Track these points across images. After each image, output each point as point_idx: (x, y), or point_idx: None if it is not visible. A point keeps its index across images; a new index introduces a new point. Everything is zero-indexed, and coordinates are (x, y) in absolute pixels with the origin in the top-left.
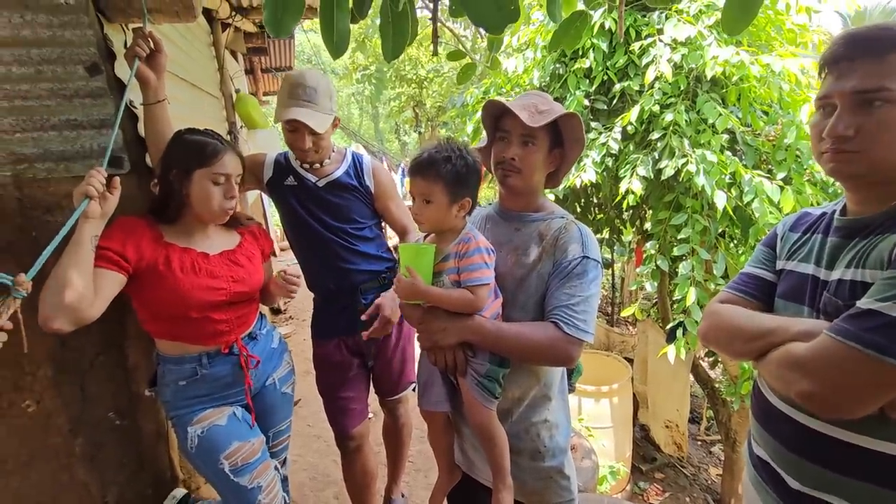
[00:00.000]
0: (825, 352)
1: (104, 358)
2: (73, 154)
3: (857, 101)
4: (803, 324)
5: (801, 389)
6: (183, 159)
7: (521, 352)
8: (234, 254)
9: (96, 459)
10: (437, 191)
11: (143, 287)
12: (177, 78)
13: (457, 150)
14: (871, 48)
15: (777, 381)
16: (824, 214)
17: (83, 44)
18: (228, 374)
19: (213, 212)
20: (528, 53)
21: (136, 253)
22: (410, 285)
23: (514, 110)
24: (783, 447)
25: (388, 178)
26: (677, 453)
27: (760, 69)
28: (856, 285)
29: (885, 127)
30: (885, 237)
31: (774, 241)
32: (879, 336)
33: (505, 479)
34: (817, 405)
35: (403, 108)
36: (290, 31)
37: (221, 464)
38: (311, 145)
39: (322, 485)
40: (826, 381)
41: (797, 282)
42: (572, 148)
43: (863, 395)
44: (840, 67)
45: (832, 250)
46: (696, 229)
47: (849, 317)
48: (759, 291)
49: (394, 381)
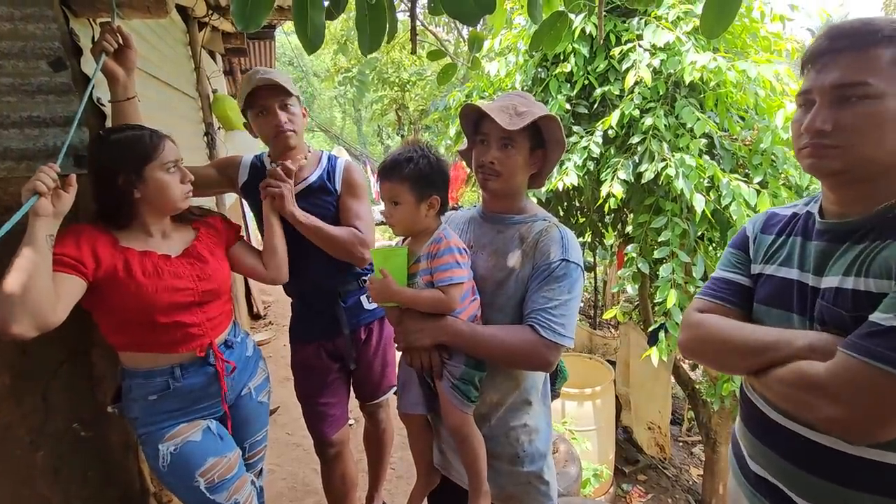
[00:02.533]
0: (851, 374)
1: (69, 366)
2: (36, 153)
3: (835, 95)
4: (805, 337)
5: (827, 416)
6: (128, 161)
7: (497, 355)
8: (195, 249)
9: (60, 473)
10: (402, 191)
11: (103, 296)
12: (149, 76)
13: (419, 150)
14: (852, 42)
15: (791, 404)
16: (796, 215)
17: (47, 38)
18: (203, 386)
19: (176, 200)
20: (511, 57)
21: (92, 259)
22: (382, 286)
23: (492, 114)
24: (786, 462)
25: (357, 177)
26: (660, 455)
27: (737, 75)
28: (859, 295)
29: (862, 122)
30: (886, 244)
31: (746, 244)
32: None
33: (481, 485)
34: (847, 431)
35: (386, 111)
36: (259, 24)
37: (197, 482)
38: (285, 118)
39: (302, 494)
40: (857, 407)
41: (780, 287)
42: (553, 149)
43: (893, 418)
44: (821, 62)
45: (819, 255)
46: (676, 232)
47: (869, 335)
48: (736, 297)
49: (374, 385)
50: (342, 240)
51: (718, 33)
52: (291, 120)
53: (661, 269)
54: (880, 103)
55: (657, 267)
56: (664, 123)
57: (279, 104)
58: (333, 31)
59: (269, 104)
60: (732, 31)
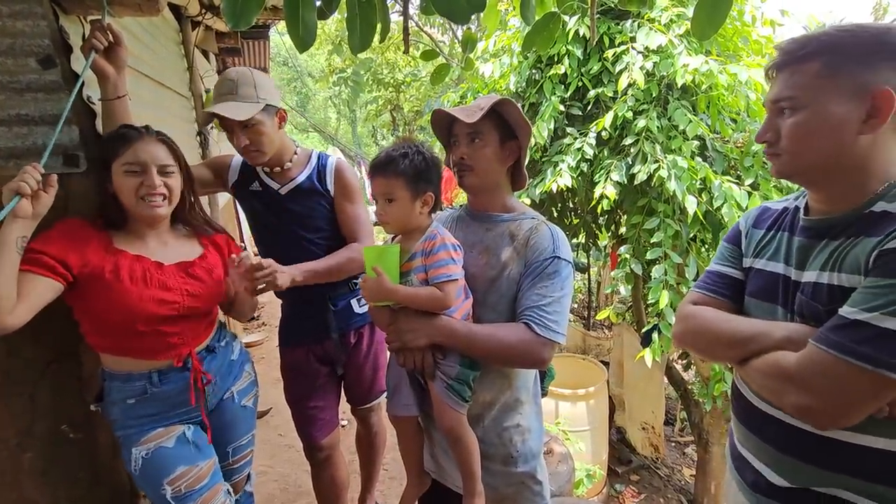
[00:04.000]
0: (817, 365)
1: (57, 367)
2: (24, 151)
3: (774, 108)
4: (784, 329)
5: (794, 403)
6: (101, 156)
7: (493, 353)
8: (192, 266)
9: (48, 475)
10: (397, 187)
11: (86, 296)
12: (141, 75)
13: (413, 146)
14: (788, 58)
15: (766, 391)
16: (786, 210)
17: (36, 35)
18: (181, 392)
19: (134, 205)
20: (505, 59)
21: (79, 258)
22: (377, 285)
23: (454, 114)
24: (769, 446)
25: (351, 178)
26: (654, 455)
27: (728, 78)
28: (833, 289)
29: (794, 131)
30: (859, 240)
31: (739, 238)
32: (870, 348)
33: (475, 486)
34: (813, 418)
35: (381, 112)
36: (249, 22)
37: (164, 489)
38: (246, 142)
39: (293, 496)
40: (821, 395)
41: (768, 281)
42: (521, 133)
43: (858, 407)
44: (771, 76)
45: (801, 250)
46: (669, 233)
47: (836, 328)
48: (728, 290)
49: (365, 389)
50: (346, 265)
51: (709, 35)
52: (255, 140)
53: (653, 270)
54: (806, 113)
55: (650, 268)
56: (657, 125)
57: (241, 126)
58: (328, 31)
59: (229, 124)
60: (724, 34)
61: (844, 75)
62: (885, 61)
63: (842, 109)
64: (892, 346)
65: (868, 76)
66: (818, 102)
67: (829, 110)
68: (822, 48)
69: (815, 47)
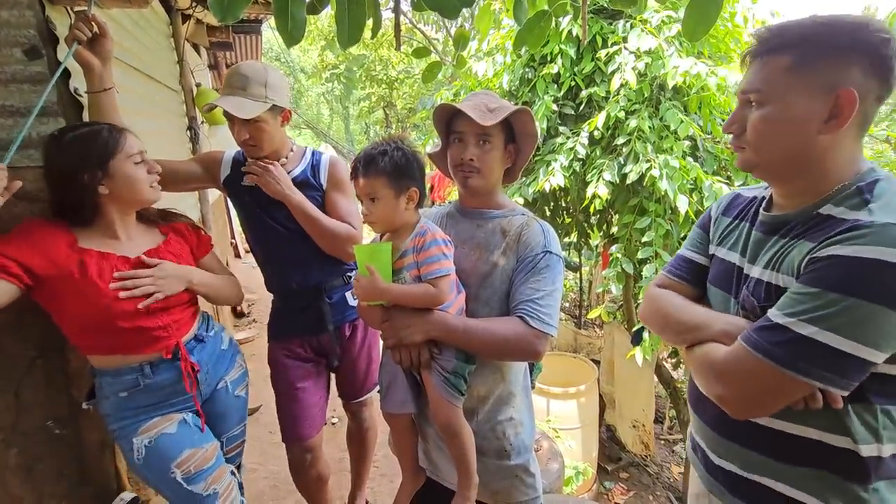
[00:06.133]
0: (738, 362)
1: (42, 362)
2: (9, 143)
3: (742, 99)
4: (724, 323)
5: (715, 392)
6: (91, 157)
7: (489, 347)
8: (158, 252)
9: (33, 471)
10: (379, 185)
11: (59, 299)
12: (130, 67)
13: (393, 142)
14: (761, 48)
15: (698, 380)
16: (754, 199)
17: (21, 25)
18: (174, 382)
19: (145, 192)
20: (498, 58)
21: (41, 260)
22: (370, 284)
23: (466, 111)
24: (706, 427)
25: (344, 173)
26: (644, 452)
27: (718, 80)
28: (770, 287)
29: (757, 125)
30: (798, 243)
31: (709, 224)
32: (784, 350)
33: (471, 478)
34: (728, 407)
35: (373, 109)
36: (237, 16)
37: (173, 472)
38: (246, 136)
39: (284, 493)
40: (737, 388)
41: (723, 269)
42: (526, 142)
43: (767, 402)
44: (746, 64)
45: (755, 244)
46: (660, 233)
47: (760, 328)
48: (691, 275)
49: (359, 383)
50: (338, 233)
51: (700, 35)
52: (254, 137)
53: (644, 269)
54: (771, 108)
55: (641, 267)
56: (649, 125)
57: (244, 122)
58: (321, 26)
59: (233, 117)
60: (716, 35)
61: (813, 71)
62: (856, 59)
63: (806, 107)
64: (804, 350)
65: (836, 75)
66: (784, 99)
67: (794, 107)
68: (796, 40)
69: (787, 39)
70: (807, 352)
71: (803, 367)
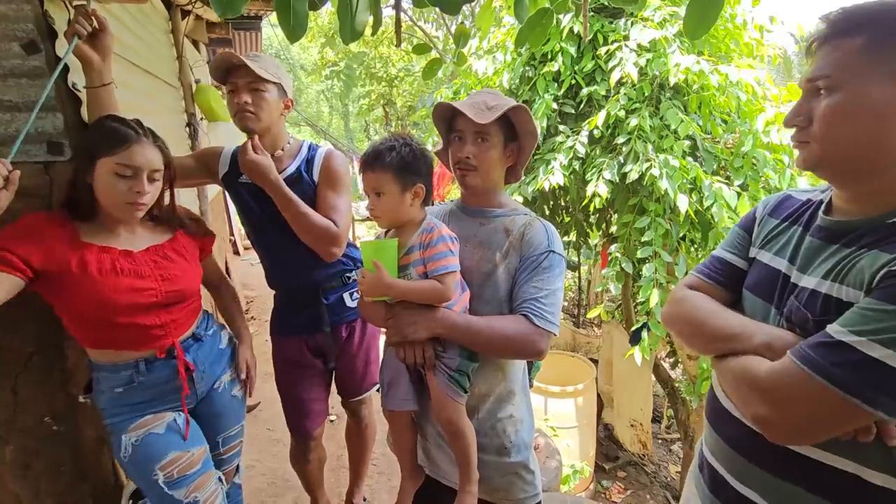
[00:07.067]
0: (787, 381)
1: (40, 358)
2: (7, 138)
3: (809, 88)
4: (767, 334)
5: (757, 413)
6: (88, 146)
7: (493, 345)
8: (162, 248)
9: (30, 468)
10: (385, 180)
11: (60, 292)
12: (129, 63)
13: (400, 138)
14: (829, 32)
15: (733, 395)
16: (809, 203)
17: (19, 19)
18: (169, 380)
19: (116, 206)
20: (499, 56)
21: (42, 254)
22: (376, 280)
23: (463, 110)
24: (728, 447)
25: (337, 168)
26: (641, 451)
27: (719, 78)
28: (829, 300)
29: (829, 115)
30: (868, 252)
31: (752, 225)
32: (849, 374)
33: (472, 475)
34: (769, 430)
35: (373, 107)
36: (238, 11)
37: (156, 475)
38: (248, 99)
39: (281, 489)
40: (784, 411)
41: (767, 276)
42: (526, 140)
43: (817, 430)
44: (809, 51)
45: (809, 251)
46: (659, 232)
47: (818, 345)
48: (727, 279)
49: (357, 381)
50: (318, 228)
51: (700, 34)
52: (257, 104)
53: (643, 268)
54: (844, 95)
55: (640, 267)
56: (649, 124)
57: (249, 86)
58: (321, 23)
59: (238, 82)
60: (716, 35)
61: (891, 54)
62: None
63: (882, 95)
64: (874, 376)
65: None
66: (857, 85)
67: (869, 94)
68: (870, 20)
69: (861, 19)
70: (876, 377)
71: (869, 394)
